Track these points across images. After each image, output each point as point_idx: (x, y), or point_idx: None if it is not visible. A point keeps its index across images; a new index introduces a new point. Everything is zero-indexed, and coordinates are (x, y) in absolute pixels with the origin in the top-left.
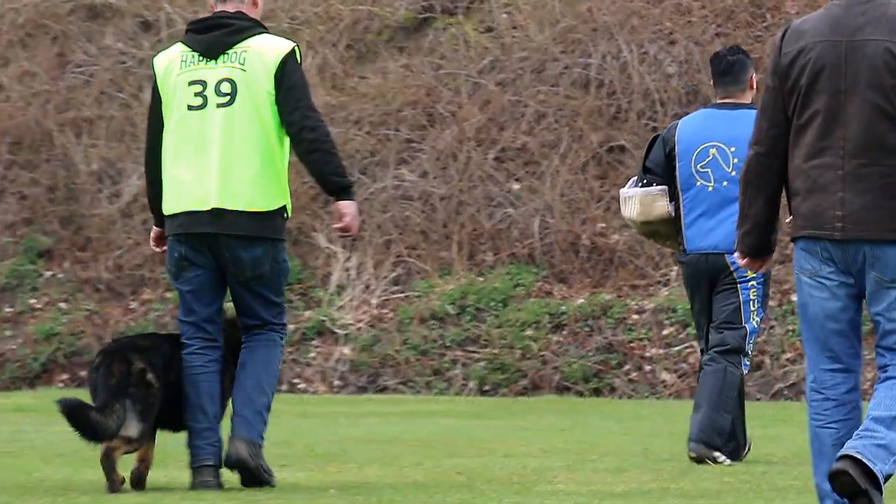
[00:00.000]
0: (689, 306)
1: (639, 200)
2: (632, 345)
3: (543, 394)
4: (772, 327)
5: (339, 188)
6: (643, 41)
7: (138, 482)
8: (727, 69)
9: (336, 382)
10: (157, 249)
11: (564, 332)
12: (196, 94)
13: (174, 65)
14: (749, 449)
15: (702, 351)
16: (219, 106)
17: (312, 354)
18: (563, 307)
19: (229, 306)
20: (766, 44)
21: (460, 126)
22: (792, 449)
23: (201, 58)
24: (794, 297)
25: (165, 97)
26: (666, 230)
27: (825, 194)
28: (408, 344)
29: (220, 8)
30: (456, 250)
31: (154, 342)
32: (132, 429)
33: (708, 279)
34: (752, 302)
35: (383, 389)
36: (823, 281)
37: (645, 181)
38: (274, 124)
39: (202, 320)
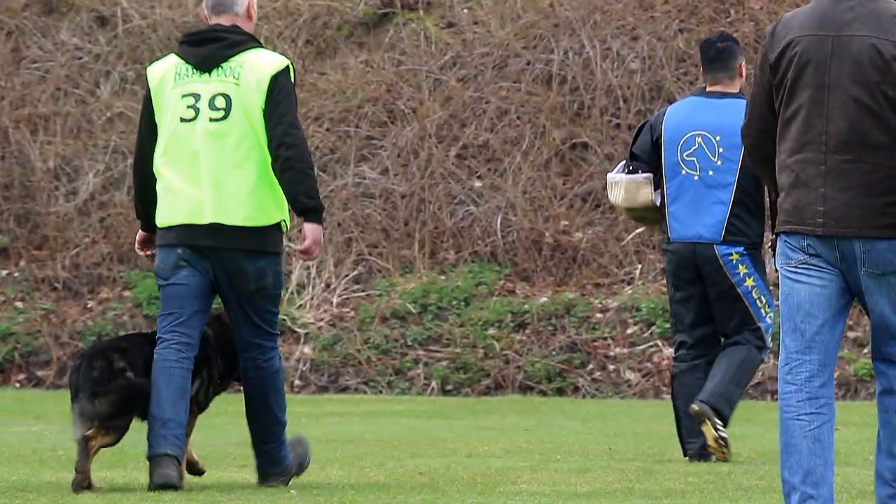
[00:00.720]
0: (653, 305)
1: (623, 187)
2: (595, 344)
3: (506, 393)
4: None
5: (306, 209)
6: (606, 37)
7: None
8: (716, 56)
9: (297, 382)
10: (142, 253)
11: (527, 331)
12: (188, 107)
13: (168, 77)
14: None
15: (681, 343)
16: (212, 120)
17: None
18: (526, 306)
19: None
20: None
21: (421, 123)
22: (757, 448)
23: (195, 70)
24: None
25: (158, 109)
26: (653, 216)
27: (807, 189)
28: (369, 343)
29: (214, 21)
30: (417, 248)
31: (134, 343)
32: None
33: (695, 269)
34: (758, 300)
35: (344, 389)
36: (812, 269)
37: (631, 167)
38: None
39: (186, 317)
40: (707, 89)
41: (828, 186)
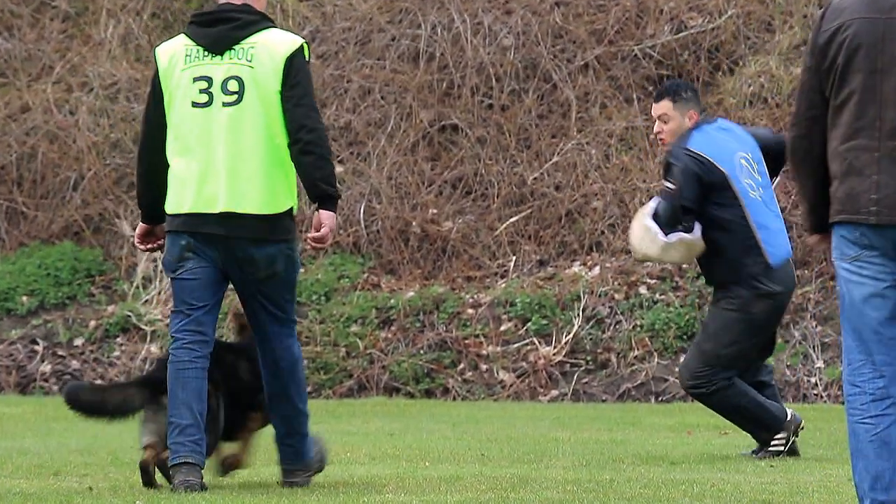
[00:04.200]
0: (528, 300)
1: (686, 247)
2: (467, 342)
3: (371, 395)
4: (619, 322)
5: (325, 196)
6: (477, 10)
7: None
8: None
9: None
10: (142, 247)
11: (393, 328)
12: (201, 91)
13: (178, 58)
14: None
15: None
16: (225, 105)
17: (116, 353)
18: (392, 301)
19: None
20: (610, 14)
21: None
22: (640, 454)
23: (206, 53)
24: (642, 290)
25: (167, 92)
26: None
27: (860, 178)
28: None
29: None
30: None
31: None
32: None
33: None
34: None
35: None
36: (866, 264)
37: (683, 225)
38: (282, 123)
39: (199, 313)
40: (705, 116)
41: (882, 173)
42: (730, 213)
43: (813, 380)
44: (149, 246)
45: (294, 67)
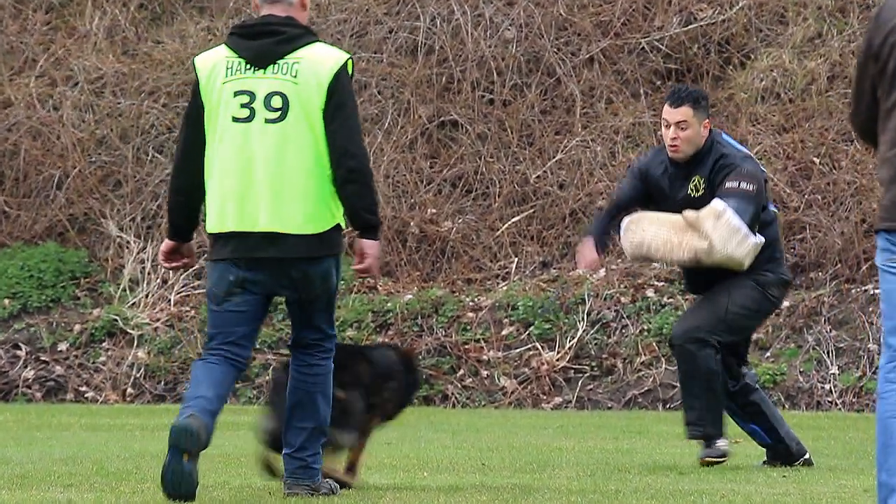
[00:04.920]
0: (531, 303)
1: (754, 251)
2: (467, 347)
3: None
4: (625, 327)
5: (368, 226)
6: (478, 2)
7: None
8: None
9: (129, 390)
10: (166, 265)
11: (391, 333)
12: (242, 106)
13: (219, 70)
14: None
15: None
16: (268, 121)
17: (102, 358)
18: (389, 304)
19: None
20: (617, 5)
21: None
22: (647, 464)
23: (248, 66)
24: (649, 293)
25: (208, 104)
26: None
27: None
28: None
29: (266, 10)
30: None
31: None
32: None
33: None
34: None
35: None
36: None
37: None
38: (325, 140)
39: (237, 337)
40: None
41: None
42: (770, 211)
43: (827, 386)
44: (174, 264)
45: (339, 84)
